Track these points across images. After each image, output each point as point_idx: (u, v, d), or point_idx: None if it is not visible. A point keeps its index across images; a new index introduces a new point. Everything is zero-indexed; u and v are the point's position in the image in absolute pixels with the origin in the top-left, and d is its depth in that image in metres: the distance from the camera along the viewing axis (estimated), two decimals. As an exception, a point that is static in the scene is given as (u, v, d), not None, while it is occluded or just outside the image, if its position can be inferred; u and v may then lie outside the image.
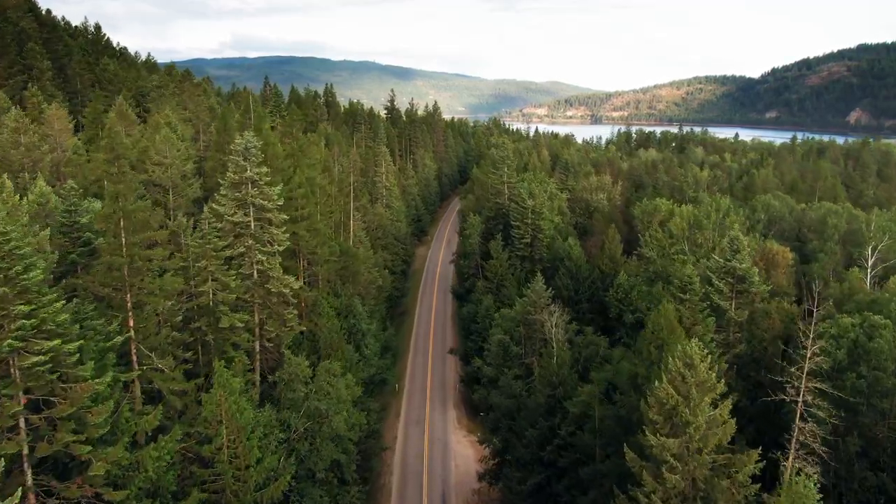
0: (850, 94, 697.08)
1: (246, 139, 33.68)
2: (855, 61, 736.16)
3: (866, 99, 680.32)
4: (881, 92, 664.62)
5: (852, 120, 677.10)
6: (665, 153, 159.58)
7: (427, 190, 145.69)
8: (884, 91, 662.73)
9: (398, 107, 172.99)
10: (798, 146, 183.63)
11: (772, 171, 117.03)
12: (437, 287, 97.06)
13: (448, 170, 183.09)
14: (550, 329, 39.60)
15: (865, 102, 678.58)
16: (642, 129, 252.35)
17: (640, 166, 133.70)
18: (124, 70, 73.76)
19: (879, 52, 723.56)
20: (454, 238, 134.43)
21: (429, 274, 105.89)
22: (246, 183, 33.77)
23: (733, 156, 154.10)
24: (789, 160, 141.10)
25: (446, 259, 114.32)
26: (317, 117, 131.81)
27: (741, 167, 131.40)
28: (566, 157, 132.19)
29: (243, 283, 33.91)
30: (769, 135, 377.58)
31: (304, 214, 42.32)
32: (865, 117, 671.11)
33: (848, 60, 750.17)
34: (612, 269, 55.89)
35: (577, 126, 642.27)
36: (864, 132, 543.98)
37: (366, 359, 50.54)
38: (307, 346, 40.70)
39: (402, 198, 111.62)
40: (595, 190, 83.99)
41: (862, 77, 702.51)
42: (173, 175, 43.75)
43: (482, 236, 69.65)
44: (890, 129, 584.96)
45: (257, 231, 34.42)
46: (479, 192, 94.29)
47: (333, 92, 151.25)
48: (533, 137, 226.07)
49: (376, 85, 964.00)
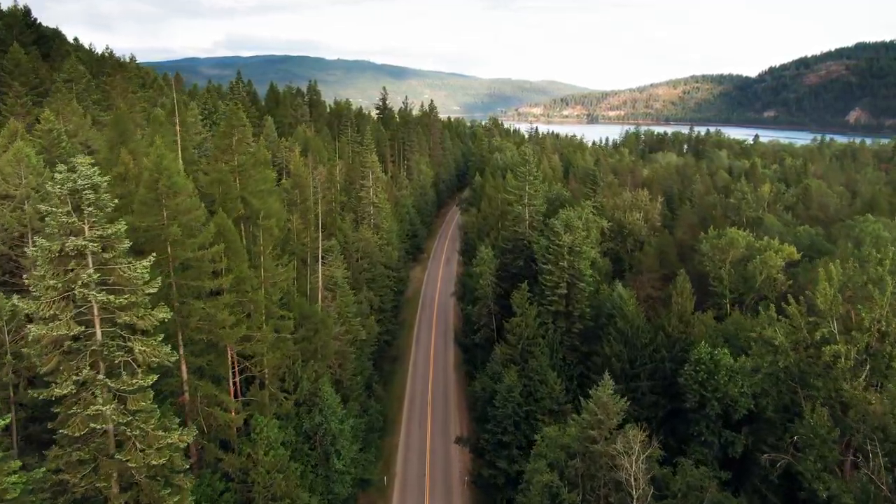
0: (848, 94, 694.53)
1: (80, 171, 17.39)
2: (853, 60, 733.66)
3: (865, 98, 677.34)
4: (881, 91, 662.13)
5: (852, 119, 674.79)
6: (687, 158, 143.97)
7: (423, 199, 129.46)
8: (883, 90, 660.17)
9: (391, 106, 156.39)
10: (825, 148, 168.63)
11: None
12: (437, 324, 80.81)
13: (446, 175, 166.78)
14: (629, 468, 24.02)
15: (865, 101, 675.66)
16: (651, 130, 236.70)
17: (663, 173, 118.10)
18: (29, 60, 57.54)
19: (878, 50, 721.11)
20: (454, 256, 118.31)
21: (426, 305, 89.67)
22: (77, 257, 17.70)
23: (763, 160, 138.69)
24: (831, 166, 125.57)
25: (446, 285, 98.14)
26: (297, 118, 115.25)
27: (780, 174, 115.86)
28: (581, 164, 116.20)
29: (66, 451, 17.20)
30: (768, 134, 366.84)
31: (224, 285, 26.56)
32: (865, 116, 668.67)
33: (846, 59, 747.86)
34: (683, 332, 40.34)
35: (573, 126, 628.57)
36: (864, 132, 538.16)
37: (338, 473, 34.65)
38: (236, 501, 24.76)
39: (393, 213, 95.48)
40: (629, 208, 68.14)
41: (861, 76, 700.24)
42: (30, 216, 27.43)
43: (496, 275, 53.54)
44: (890, 128, 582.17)
45: (107, 348, 18.24)
46: (487, 210, 78.14)
47: (318, 90, 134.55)
48: (535, 138, 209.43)
49: (371, 84, 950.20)
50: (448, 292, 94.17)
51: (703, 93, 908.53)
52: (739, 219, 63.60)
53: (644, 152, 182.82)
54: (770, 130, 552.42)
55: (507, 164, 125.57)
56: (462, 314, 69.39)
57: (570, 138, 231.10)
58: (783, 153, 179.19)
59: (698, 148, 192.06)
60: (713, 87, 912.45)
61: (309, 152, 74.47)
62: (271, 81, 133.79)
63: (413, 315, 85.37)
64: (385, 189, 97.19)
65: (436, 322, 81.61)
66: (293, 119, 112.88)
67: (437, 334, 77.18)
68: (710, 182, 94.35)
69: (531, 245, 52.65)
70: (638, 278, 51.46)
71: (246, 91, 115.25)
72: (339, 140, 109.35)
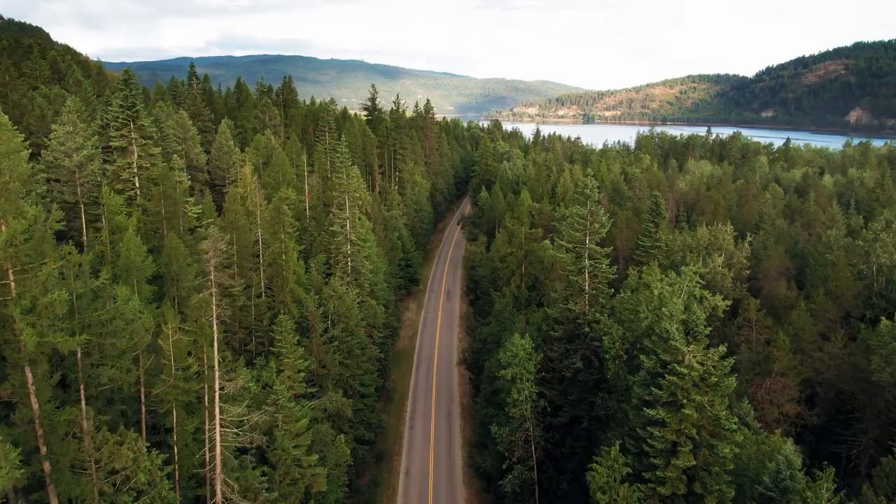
0: (848, 93, 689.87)
1: None
2: (852, 59, 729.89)
3: (866, 97, 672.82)
4: (881, 90, 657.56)
5: (853, 119, 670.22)
6: (724, 166, 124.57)
7: (418, 217, 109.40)
8: (884, 90, 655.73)
9: (382, 106, 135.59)
10: (868, 153, 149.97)
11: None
12: (437, 401, 60.57)
13: (443, 184, 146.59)
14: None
15: (865, 101, 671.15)
16: (665, 132, 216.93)
17: (702, 188, 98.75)
18: None
19: (877, 50, 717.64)
20: (455, 286, 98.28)
21: (422, 362, 69.48)
22: None
23: (810, 169, 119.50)
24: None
25: (448, 333, 78.11)
26: (264, 122, 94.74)
27: (846, 188, 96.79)
28: (608, 177, 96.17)
29: None
30: (768, 134, 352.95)
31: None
32: (866, 116, 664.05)
33: (845, 59, 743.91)
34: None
35: (569, 126, 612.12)
36: (865, 132, 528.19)
37: None
38: None
39: (381, 242, 75.42)
40: (705, 249, 48.36)
41: (860, 76, 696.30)
42: None
43: (538, 377, 33.22)
44: (892, 128, 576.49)
45: None
46: (505, 249, 57.44)
47: (293, 88, 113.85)
48: (541, 142, 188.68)
49: (364, 84, 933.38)
50: (451, 344, 74.32)
51: (700, 92, 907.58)
52: (870, 270, 44.10)
53: (664, 158, 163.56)
54: (769, 131, 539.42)
55: (519, 176, 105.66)
56: (472, 397, 49.33)
57: (574, 140, 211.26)
58: (818, 157, 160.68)
59: (722, 153, 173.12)
60: (710, 87, 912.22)
61: (261, 171, 54.19)
62: (238, 78, 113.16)
63: (406, 381, 65.23)
64: (371, 210, 77.15)
65: (436, 398, 61.33)
66: (260, 123, 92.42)
67: (439, 417, 57.05)
68: (769, 201, 75.13)
69: (594, 334, 32.36)
70: (768, 381, 31.60)
71: (202, 89, 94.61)
72: (315, 149, 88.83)
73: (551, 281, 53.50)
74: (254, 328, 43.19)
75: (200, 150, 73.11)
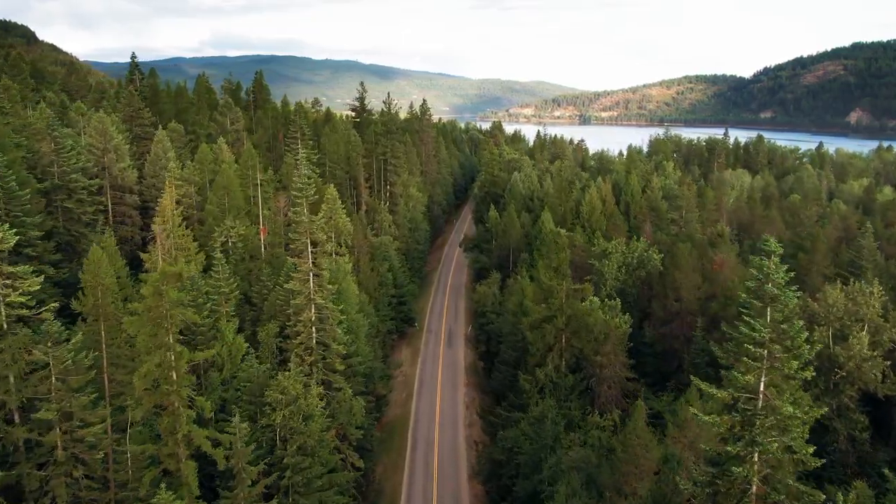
0: (848, 94, 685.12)
1: None
2: (851, 60, 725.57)
3: (866, 98, 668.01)
4: (881, 91, 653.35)
5: (853, 120, 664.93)
6: (766, 176, 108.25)
7: (413, 237, 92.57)
8: (884, 90, 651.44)
9: (372, 107, 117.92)
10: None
11: None
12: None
13: (442, 195, 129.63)
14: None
15: (865, 102, 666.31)
16: (679, 135, 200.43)
17: (754, 205, 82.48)
18: None
19: (876, 50, 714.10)
20: (458, 324, 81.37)
21: (418, 443, 52.35)
22: None
23: (869, 180, 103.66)
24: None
25: (451, 396, 60.91)
26: (224, 126, 77.32)
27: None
28: (637, 195, 79.44)
29: None
30: (767, 135, 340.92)
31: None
32: (866, 117, 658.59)
33: (844, 59, 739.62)
34: None
35: (565, 126, 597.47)
36: (866, 133, 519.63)
37: None
38: None
39: (368, 278, 58.62)
40: (839, 320, 32.21)
41: (859, 76, 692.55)
42: None
43: None
44: (894, 129, 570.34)
45: None
46: (539, 312, 39.87)
47: (266, 85, 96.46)
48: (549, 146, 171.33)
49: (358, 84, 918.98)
50: (455, 416, 57.30)
51: (697, 93, 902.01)
52: None
53: (684, 165, 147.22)
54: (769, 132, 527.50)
55: (534, 190, 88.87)
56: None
57: (578, 143, 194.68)
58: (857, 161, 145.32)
59: (747, 158, 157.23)
60: (707, 88, 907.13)
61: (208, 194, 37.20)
62: (199, 75, 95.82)
63: (397, 477, 48.16)
64: (354, 239, 60.23)
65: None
66: (218, 128, 75.09)
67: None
68: (869, 230, 59.23)
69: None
70: None
71: (147, 87, 77.15)
72: (284, 161, 71.49)
73: (604, 355, 36.84)
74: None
75: (129, 165, 55.94)
